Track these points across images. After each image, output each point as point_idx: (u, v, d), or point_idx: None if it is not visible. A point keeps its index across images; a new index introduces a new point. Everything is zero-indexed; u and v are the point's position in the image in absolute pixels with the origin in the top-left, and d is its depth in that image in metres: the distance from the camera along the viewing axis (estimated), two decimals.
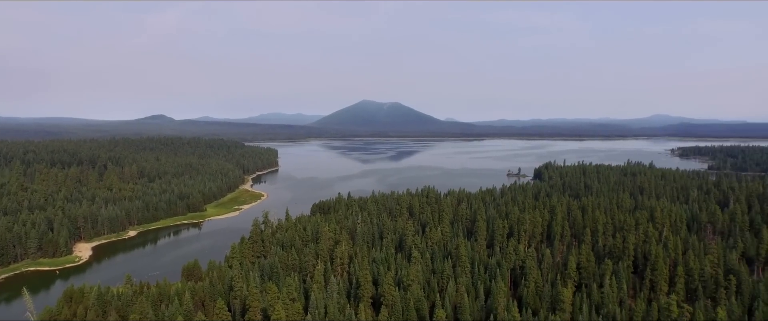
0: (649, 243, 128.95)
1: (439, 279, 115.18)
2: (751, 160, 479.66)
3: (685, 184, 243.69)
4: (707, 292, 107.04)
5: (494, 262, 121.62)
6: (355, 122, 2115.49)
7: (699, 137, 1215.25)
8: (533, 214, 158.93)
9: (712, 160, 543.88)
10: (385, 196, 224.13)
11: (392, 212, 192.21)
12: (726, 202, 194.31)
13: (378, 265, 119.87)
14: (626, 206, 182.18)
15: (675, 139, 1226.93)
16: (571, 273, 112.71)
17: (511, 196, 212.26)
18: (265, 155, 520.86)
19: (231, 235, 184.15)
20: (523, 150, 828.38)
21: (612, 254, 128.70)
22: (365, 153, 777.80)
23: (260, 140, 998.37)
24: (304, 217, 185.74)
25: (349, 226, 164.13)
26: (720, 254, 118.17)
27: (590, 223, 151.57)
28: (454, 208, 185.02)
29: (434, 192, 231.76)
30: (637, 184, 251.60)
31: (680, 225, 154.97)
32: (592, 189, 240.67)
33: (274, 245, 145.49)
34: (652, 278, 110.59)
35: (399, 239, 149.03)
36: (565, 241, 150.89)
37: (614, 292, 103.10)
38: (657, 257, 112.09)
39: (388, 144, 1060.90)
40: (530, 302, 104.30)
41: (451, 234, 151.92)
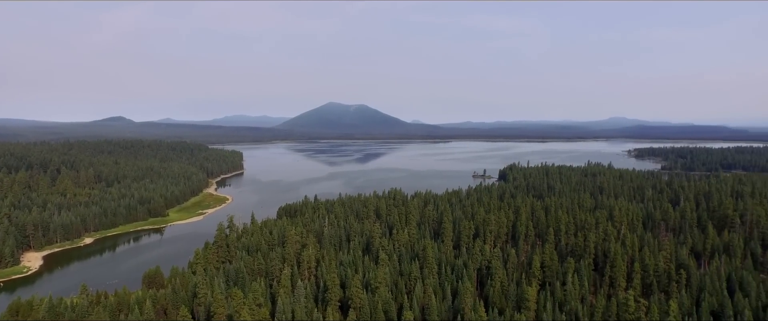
0: (608, 241, 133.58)
1: (407, 280, 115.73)
2: (699, 161, 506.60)
3: (641, 184, 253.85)
4: (661, 286, 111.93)
5: (461, 263, 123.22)
6: (321, 124, 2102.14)
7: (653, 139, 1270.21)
8: (498, 215, 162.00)
9: (664, 160, 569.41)
10: (352, 199, 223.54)
11: (359, 215, 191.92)
12: (677, 200, 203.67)
13: (345, 268, 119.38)
14: (587, 206, 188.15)
15: (631, 140, 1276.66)
16: (536, 272, 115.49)
17: (477, 197, 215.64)
18: (229, 158, 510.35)
19: (195, 241, 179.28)
20: (488, 151, 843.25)
21: (574, 252, 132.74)
22: (332, 155, 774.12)
23: (225, 143, 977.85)
24: (270, 221, 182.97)
25: (315, 229, 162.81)
26: (672, 250, 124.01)
27: (553, 223, 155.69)
28: (421, 210, 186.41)
29: (401, 194, 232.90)
30: (597, 184, 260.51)
31: (637, 223, 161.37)
32: (555, 189, 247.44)
33: (239, 250, 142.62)
34: (612, 275, 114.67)
35: (366, 241, 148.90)
36: (529, 241, 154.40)
37: (576, 289, 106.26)
38: (616, 255, 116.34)
39: (354, 146, 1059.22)
40: (496, 301, 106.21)
41: (418, 235, 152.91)
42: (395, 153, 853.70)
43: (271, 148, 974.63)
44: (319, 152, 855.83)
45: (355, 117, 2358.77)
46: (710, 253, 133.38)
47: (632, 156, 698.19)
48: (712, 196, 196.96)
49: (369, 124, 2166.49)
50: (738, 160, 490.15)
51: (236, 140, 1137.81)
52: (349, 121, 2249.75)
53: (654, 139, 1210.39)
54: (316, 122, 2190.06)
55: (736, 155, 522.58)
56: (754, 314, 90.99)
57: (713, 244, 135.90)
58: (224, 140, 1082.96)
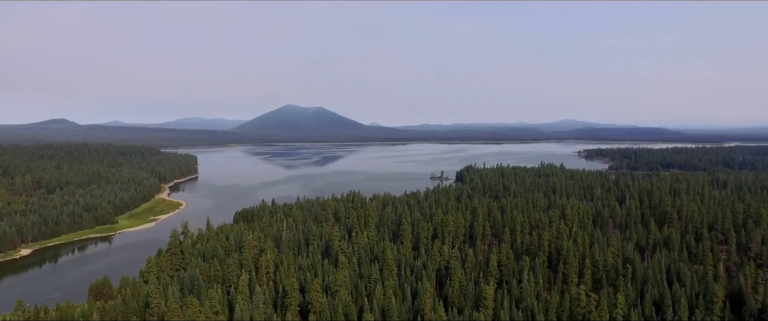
0: (561, 239, 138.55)
1: (367, 283, 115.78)
2: (642, 161, 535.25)
3: (591, 184, 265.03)
4: (609, 280, 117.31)
5: (420, 264, 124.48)
6: (278, 127, 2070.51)
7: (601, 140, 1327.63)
8: (456, 216, 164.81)
9: (611, 161, 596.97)
10: (311, 202, 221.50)
11: (318, 218, 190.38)
12: (623, 198, 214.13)
13: (305, 272, 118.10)
14: (541, 205, 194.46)
15: (581, 142, 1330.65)
16: (493, 271, 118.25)
17: (435, 199, 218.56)
18: (183, 162, 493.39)
19: (147, 248, 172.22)
20: (445, 153, 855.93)
21: (529, 251, 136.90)
22: (289, 158, 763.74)
23: (178, 146, 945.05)
24: (226, 226, 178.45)
25: (273, 234, 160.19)
26: (619, 246, 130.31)
27: (509, 223, 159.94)
28: (380, 212, 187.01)
29: (360, 196, 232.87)
30: (550, 184, 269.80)
31: (587, 221, 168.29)
32: (510, 190, 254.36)
33: (194, 256, 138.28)
34: (565, 271, 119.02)
35: (325, 245, 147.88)
36: (486, 241, 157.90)
37: (532, 286, 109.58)
38: (568, 252, 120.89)
39: (312, 149, 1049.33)
40: (455, 301, 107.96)
41: (377, 238, 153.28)
42: (353, 155, 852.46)
43: (227, 152, 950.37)
44: (277, 155, 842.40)
45: (313, 120, 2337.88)
46: (652, 247, 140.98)
47: (582, 157, 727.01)
48: (653, 194, 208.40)
49: (327, 126, 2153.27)
50: (675, 160, 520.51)
51: (190, 143, 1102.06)
52: (307, 123, 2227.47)
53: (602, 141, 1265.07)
54: (274, 125, 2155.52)
55: (674, 155, 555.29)
56: (689, 302, 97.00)
57: (655, 239, 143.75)
58: (177, 143, 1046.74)
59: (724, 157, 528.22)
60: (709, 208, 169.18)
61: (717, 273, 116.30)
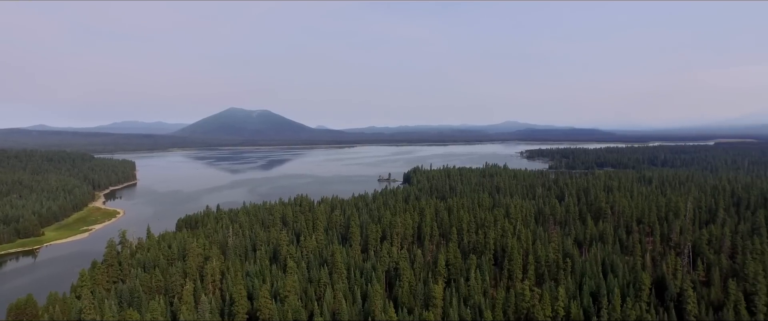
0: (505, 237, 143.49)
1: (316, 287, 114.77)
2: (579, 160, 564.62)
3: (532, 183, 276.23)
4: (551, 275, 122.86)
5: (369, 266, 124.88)
6: (222, 131, 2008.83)
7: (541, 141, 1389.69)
8: (404, 217, 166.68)
9: (551, 160, 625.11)
10: (257, 207, 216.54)
11: (265, 223, 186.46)
12: (562, 196, 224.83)
13: (252, 279, 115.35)
14: (486, 205, 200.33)
15: (523, 142, 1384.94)
16: (441, 270, 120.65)
17: (383, 201, 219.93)
18: (120, 168, 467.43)
19: (79, 261, 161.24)
20: (392, 156, 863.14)
21: (476, 249, 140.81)
22: (234, 163, 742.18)
23: (114, 152, 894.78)
24: (168, 234, 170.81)
25: (219, 240, 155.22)
26: (559, 241, 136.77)
27: (456, 222, 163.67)
28: (328, 215, 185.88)
29: (307, 200, 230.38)
30: (494, 184, 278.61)
31: (529, 218, 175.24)
32: (456, 190, 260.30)
33: (134, 267, 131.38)
34: (509, 268, 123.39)
35: (273, 250, 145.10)
36: (434, 241, 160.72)
37: (479, 284, 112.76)
38: (512, 249, 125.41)
39: (258, 153, 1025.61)
40: (405, 301, 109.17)
41: (326, 241, 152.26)
42: (300, 159, 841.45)
43: (168, 157, 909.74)
44: (221, 160, 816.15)
45: (258, 123, 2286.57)
46: (589, 241, 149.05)
47: (524, 157, 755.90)
48: (589, 192, 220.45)
49: (273, 130, 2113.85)
50: (608, 159, 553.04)
51: (128, 148, 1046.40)
52: (252, 127, 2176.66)
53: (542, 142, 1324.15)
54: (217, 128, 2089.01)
55: (607, 155, 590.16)
56: (621, 291, 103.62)
57: (591, 234, 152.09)
58: (113, 149, 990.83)
59: (649, 155, 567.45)
60: (638, 203, 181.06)
61: (644, 263, 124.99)
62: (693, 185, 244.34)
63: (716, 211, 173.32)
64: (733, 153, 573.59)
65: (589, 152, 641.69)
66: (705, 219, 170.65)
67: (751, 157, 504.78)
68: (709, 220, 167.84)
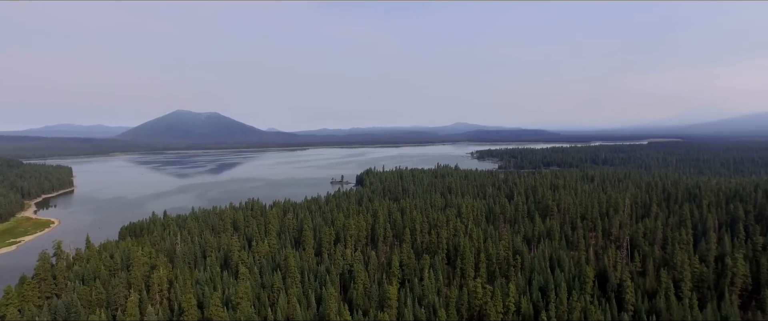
0: (458, 236, 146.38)
1: (270, 292, 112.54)
2: (527, 160, 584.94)
3: (483, 182, 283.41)
4: (502, 272, 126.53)
5: (323, 269, 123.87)
6: (168, 134, 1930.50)
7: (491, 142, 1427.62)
8: (358, 219, 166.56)
9: (500, 160, 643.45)
10: (207, 212, 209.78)
11: (215, 228, 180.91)
12: (512, 195, 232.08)
13: (202, 287, 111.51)
14: (438, 205, 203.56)
15: (473, 143, 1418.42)
16: (395, 271, 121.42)
17: (336, 203, 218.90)
18: (54, 174, 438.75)
19: (6, 277, 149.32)
20: (344, 158, 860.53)
21: (429, 249, 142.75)
22: (182, 167, 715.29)
23: (47, 157, 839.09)
24: (110, 243, 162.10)
25: (166, 248, 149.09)
26: (509, 239, 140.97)
27: (409, 223, 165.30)
28: (281, 219, 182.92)
29: (259, 204, 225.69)
30: (446, 184, 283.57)
31: (481, 218, 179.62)
32: (409, 191, 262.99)
33: (71, 280, 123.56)
34: (462, 266, 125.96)
35: (224, 256, 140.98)
36: (387, 242, 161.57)
37: (433, 283, 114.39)
38: (464, 248, 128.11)
39: (207, 156, 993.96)
40: (360, 303, 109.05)
41: (278, 245, 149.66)
42: (251, 162, 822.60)
43: (109, 162, 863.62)
44: (167, 164, 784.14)
45: (206, 125, 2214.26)
46: (537, 238, 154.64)
47: (474, 157, 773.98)
48: (537, 190, 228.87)
49: (222, 132, 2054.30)
50: (554, 159, 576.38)
51: (63, 153, 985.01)
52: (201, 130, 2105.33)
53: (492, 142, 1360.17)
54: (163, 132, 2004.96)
55: (553, 154, 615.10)
56: (567, 285, 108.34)
57: (539, 231, 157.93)
58: (46, 154, 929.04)
59: (591, 155, 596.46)
60: (581, 200, 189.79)
61: (588, 257, 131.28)
62: (630, 182, 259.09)
63: (650, 206, 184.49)
64: (663, 151, 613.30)
65: (536, 152, 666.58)
66: (641, 213, 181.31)
67: (678, 155, 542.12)
68: (644, 215, 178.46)
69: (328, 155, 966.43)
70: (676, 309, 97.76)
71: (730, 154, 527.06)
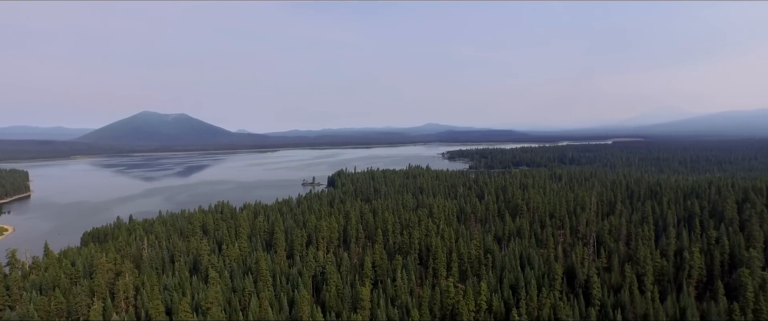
0: (430, 236, 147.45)
1: (241, 296, 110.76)
2: (497, 160, 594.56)
3: (454, 183, 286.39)
4: (473, 271, 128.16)
5: (295, 272, 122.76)
6: (134, 136, 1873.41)
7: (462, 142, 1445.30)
8: (329, 221, 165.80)
9: (471, 160, 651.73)
10: (175, 216, 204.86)
11: (184, 232, 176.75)
12: (482, 194, 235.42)
13: (171, 293, 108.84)
14: (410, 206, 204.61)
15: (444, 144, 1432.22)
16: (368, 272, 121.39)
17: (308, 205, 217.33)
18: (7, 179, 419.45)
19: None
20: (316, 159, 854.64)
21: (401, 250, 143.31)
22: (148, 170, 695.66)
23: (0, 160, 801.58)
24: (72, 250, 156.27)
25: (132, 254, 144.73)
26: (481, 238, 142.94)
27: (381, 224, 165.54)
28: (251, 222, 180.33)
29: (229, 207, 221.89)
30: (417, 185, 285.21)
31: (452, 217, 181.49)
32: (381, 192, 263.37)
33: (27, 290, 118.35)
34: (434, 266, 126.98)
35: (193, 261, 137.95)
36: (360, 243, 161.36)
37: (405, 283, 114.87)
38: (436, 248, 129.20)
39: (175, 159, 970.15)
40: (333, 305, 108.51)
41: (249, 248, 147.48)
42: (221, 164, 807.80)
43: (70, 165, 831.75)
44: (133, 167, 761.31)
45: (174, 127, 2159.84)
46: (508, 237, 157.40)
47: (445, 158, 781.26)
48: (507, 190, 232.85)
49: (190, 134, 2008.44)
50: (523, 158, 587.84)
51: (19, 157, 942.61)
52: (168, 131, 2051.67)
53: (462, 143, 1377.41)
54: (128, 134, 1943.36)
55: (522, 154, 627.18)
56: (537, 282, 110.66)
57: (510, 230, 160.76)
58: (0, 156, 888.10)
59: (559, 154, 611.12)
60: (550, 199, 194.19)
61: (557, 254, 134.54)
62: (596, 181, 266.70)
63: (615, 204, 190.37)
64: (626, 151, 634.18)
65: (506, 152, 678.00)
66: (606, 211, 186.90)
67: (640, 154, 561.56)
68: (610, 212, 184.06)
69: (300, 157, 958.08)
70: (640, 302, 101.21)
71: (687, 153, 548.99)
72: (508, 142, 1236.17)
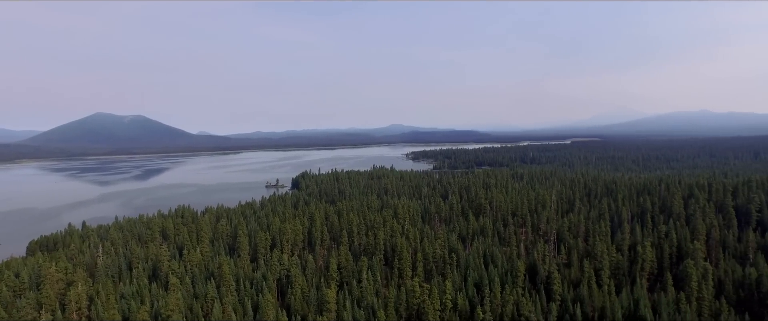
0: (395, 236, 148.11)
1: (203, 302, 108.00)
2: (460, 160, 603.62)
3: (418, 183, 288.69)
4: (438, 270, 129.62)
5: (259, 276, 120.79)
6: (87, 139, 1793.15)
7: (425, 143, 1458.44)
8: (294, 223, 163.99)
9: (435, 161, 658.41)
10: (133, 221, 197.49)
11: (142, 238, 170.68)
12: (446, 194, 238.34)
13: (128, 301, 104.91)
14: (375, 206, 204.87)
15: (409, 145, 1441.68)
16: (333, 274, 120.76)
17: (272, 208, 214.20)
18: None
19: None
20: (280, 161, 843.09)
21: (366, 251, 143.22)
22: (103, 174, 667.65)
23: None
24: (16, 260, 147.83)
25: (86, 262, 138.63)
26: (445, 237, 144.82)
27: (346, 225, 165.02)
28: (214, 226, 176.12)
29: (190, 211, 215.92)
30: (382, 185, 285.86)
31: (417, 218, 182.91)
32: (346, 193, 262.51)
33: None
34: (399, 266, 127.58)
35: (152, 267, 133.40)
36: (325, 245, 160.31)
37: (371, 284, 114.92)
38: (402, 248, 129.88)
39: (132, 162, 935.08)
40: (298, 308, 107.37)
41: (211, 253, 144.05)
42: (181, 167, 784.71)
43: (13, 170, 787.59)
44: (87, 171, 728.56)
45: (131, 129, 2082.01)
46: (471, 236, 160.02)
47: (410, 159, 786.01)
48: (470, 189, 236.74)
49: (149, 136, 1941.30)
50: (486, 158, 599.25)
51: None
52: (124, 134, 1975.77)
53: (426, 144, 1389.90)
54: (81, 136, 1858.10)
55: (485, 154, 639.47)
56: (501, 279, 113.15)
57: (473, 228, 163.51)
58: None
59: (520, 154, 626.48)
60: (512, 198, 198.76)
61: (519, 252, 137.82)
62: (556, 179, 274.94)
63: (574, 201, 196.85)
64: (584, 150, 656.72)
65: (469, 152, 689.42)
66: (566, 209, 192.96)
67: (597, 154, 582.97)
68: (569, 210, 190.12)
69: (263, 158, 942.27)
70: (597, 296, 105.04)
71: (639, 152, 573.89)
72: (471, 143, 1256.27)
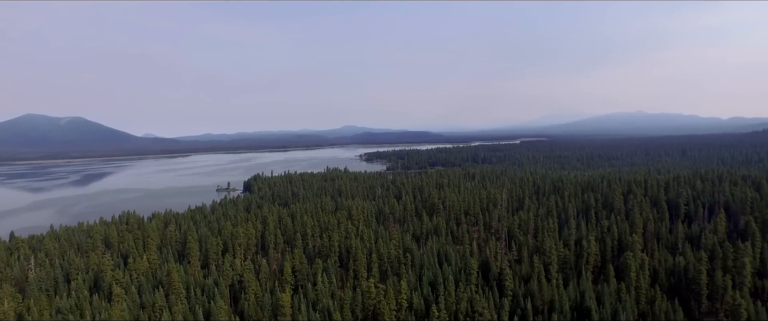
0: (349, 238, 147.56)
1: (151, 312, 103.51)
2: (413, 161, 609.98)
3: (372, 184, 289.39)
4: (393, 270, 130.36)
5: (211, 282, 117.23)
6: (16, 142, 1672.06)
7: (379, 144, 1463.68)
8: (246, 227, 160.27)
9: (388, 162, 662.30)
10: (71, 230, 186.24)
11: (82, 247, 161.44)
12: (400, 195, 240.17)
13: (65, 315, 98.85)
14: (329, 208, 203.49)
15: (362, 146, 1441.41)
16: (288, 277, 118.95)
17: (223, 212, 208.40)
18: None
19: None
20: (230, 164, 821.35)
21: (321, 253, 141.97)
22: (36, 179, 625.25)
23: None
24: None
25: (15, 276, 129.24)
26: (399, 238, 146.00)
27: (300, 228, 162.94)
28: (161, 232, 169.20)
29: (136, 217, 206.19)
30: (336, 187, 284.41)
31: (371, 219, 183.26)
32: (299, 196, 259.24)
33: None
34: (355, 268, 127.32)
35: (94, 278, 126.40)
36: (279, 249, 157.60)
37: (326, 287, 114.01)
38: (356, 249, 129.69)
39: (69, 167, 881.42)
40: (252, 314, 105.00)
41: (159, 260, 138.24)
42: (125, 171, 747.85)
43: None
44: (16, 177, 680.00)
45: (68, 131, 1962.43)
46: (426, 235, 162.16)
47: (363, 160, 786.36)
48: (424, 189, 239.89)
49: (88, 139, 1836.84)
50: (438, 159, 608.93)
51: None
52: (61, 136, 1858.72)
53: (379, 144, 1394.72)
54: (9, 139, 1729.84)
55: (437, 155, 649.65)
56: (455, 277, 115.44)
57: (427, 228, 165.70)
58: None
59: (472, 154, 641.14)
60: (464, 197, 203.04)
61: (472, 250, 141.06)
62: (506, 178, 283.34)
63: (523, 199, 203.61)
64: (532, 149, 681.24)
65: (422, 153, 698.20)
66: (516, 206, 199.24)
67: (544, 153, 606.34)
68: (519, 207, 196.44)
69: (213, 161, 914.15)
70: (547, 290, 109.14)
71: (583, 151, 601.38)
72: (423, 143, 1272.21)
